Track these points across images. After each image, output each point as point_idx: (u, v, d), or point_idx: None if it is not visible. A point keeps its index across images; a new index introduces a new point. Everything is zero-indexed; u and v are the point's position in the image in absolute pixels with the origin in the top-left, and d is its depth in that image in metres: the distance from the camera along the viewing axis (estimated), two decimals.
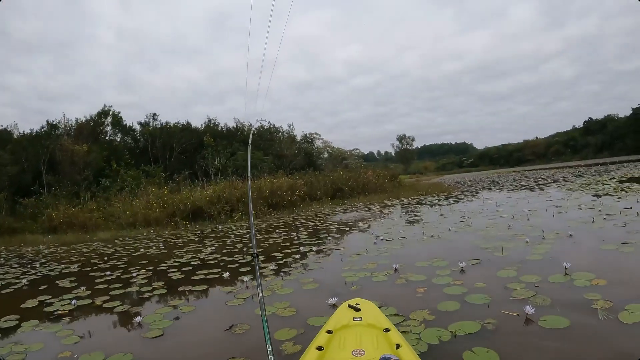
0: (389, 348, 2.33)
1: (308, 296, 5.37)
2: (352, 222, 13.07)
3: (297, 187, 21.65)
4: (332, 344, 2.46)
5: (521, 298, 4.32)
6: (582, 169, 29.50)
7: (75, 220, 17.22)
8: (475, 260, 6.16)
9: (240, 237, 11.62)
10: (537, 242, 6.94)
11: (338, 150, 44.74)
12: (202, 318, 4.88)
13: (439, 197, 19.78)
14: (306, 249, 8.66)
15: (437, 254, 6.91)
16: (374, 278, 5.84)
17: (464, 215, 11.62)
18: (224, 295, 5.74)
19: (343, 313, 2.95)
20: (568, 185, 18.09)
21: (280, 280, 6.25)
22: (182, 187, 21.66)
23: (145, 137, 33.39)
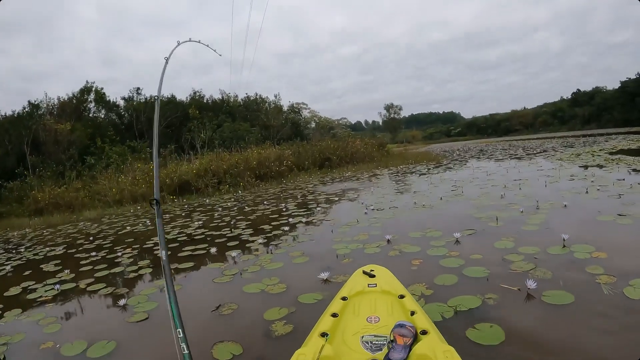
0: (403, 314, 2.32)
1: (298, 271, 5.16)
2: (342, 192, 12.86)
3: (284, 158, 21.32)
4: (346, 310, 2.44)
5: (521, 271, 4.16)
6: (571, 140, 29.50)
7: (61, 200, 16.74)
8: (470, 231, 5.99)
9: (228, 210, 11.35)
10: (532, 212, 6.77)
11: (325, 120, 44.30)
12: (189, 298, 4.65)
13: (428, 166, 19.63)
14: (295, 221, 8.43)
15: (430, 224, 6.72)
16: (366, 250, 5.64)
17: (455, 184, 11.45)
18: (211, 272, 5.51)
19: (357, 279, 2.91)
20: (558, 155, 17.98)
21: (269, 255, 6.03)
22: (169, 162, 21.17)
23: (130, 113, 32.56)
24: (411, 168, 19.41)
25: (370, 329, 2.19)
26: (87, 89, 31.80)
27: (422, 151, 34.30)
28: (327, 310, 2.51)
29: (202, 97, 36.93)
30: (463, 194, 9.56)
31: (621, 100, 47.28)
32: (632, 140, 21.46)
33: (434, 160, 23.17)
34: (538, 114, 72.00)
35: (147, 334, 3.87)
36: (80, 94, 31.33)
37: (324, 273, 4.57)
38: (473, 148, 34.76)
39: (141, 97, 33.63)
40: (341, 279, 4.50)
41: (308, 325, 2.63)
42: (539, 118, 69.95)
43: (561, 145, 24.97)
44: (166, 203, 15.38)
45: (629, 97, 45.18)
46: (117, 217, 12.83)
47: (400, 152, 34.30)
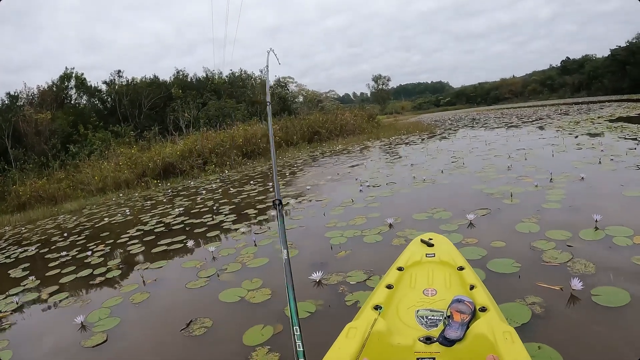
0: (462, 289, 2.17)
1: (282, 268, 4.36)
2: (332, 167, 12.10)
3: None
4: (402, 281, 2.33)
5: (557, 263, 3.44)
6: (564, 108, 28.79)
7: (43, 193, 15.81)
8: (484, 210, 5.23)
9: (212, 193, 10.51)
10: (548, 187, 6.04)
11: (313, 93, 43.39)
12: (156, 311, 3.90)
13: (421, 136, 18.87)
14: (283, 202, 7.64)
15: (436, 202, 5.99)
16: (365, 238, 4.86)
17: (454, 155, 10.71)
18: (184, 274, 4.71)
19: (415, 248, 2.73)
20: (556, 122, 17.22)
21: (251, 248, 5.23)
22: (153, 144, 20.38)
23: (112, 97, 31.46)
24: (404, 139, 18.60)
25: (426, 303, 2.06)
26: (67, 76, 30.57)
27: (412, 121, 33.34)
28: (382, 281, 2.38)
29: (186, 77, 35.86)
30: (465, 166, 8.85)
31: (611, 69, 46.76)
32: (628, 108, 20.66)
33: (426, 130, 22.37)
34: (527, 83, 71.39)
35: None
36: (60, 81, 30.12)
37: (316, 273, 3.80)
38: (464, 117, 33.95)
39: (122, 80, 32.50)
40: (337, 279, 3.76)
41: None
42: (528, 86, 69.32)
43: (555, 112, 24.27)
44: (149, 188, 14.52)
45: (619, 65, 44.62)
46: (98, 207, 11.91)
47: (391, 123, 33.42)
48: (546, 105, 36.21)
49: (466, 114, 39.62)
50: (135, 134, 25.23)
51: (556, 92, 59.91)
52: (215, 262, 4.91)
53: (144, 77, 33.34)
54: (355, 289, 3.51)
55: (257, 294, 3.73)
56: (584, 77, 54.81)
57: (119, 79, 32.56)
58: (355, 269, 3.91)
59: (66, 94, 30.50)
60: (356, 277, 3.74)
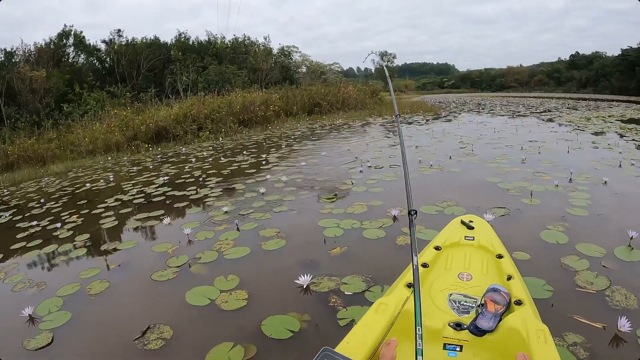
0: (499, 278, 2.06)
1: (268, 265, 3.76)
2: (331, 142, 11.44)
3: (271, 102, 19.62)
4: (438, 261, 2.22)
5: (593, 290, 2.89)
6: (571, 102, 28.01)
7: (32, 153, 14.89)
8: (502, 210, 4.61)
9: (202, 162, 9.81)
10: (569, 188, 5.46)
11: (317, 64, 42.10)
12: (111, 309, 3.28)
13: (425, 117, 18.06)
14: (274, 178, 7.02)
15: (446, 193, 5.38)
16: (365, 232, 4.23)
17: (461, 141, 10.05)
18: (152, 260, 4.10)
19: (454, 229, 2.60)
20: (565, 116, 16.49)
21: (233, 232, 4.59)
22: (149, 107, 19.51)
23: (111, 57, 30.00)
24: (407, 118, 17.84)
25: (460, 287, 1.96)
26: (66, 34, 29.08)
27: (416, 101, 32.48)
28: (418, 258, 2.05)
29: (188, 39, 34.42)
30: (475, 154, 8.22)
31: (620, 68, 45.78)
32: (638, 110, 19.96)
33: (430, 111, 21.53)
34: (534, 73, 70.09)
35: None
36: (59, 39, 28.61)
37: (303, 276, 3.18)
38: (469, 101, 33.05)
39: (122, 40, 31.03)
40: (329, 286, 3.16)
41: None
42: (534, 77, 68.11)
43: (563, 106, 23.53)
44: (140, 152, 13.79)
45: (629, 65, 43.61)
46: (84, 171, 11.15)
47: None
48: (552, 98, 35.45)
49: (471, 99, 38.72)
50: (131, 96, 24.21)
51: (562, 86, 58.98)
52: (189, 248, 4.30)
53: (145, 38, 32.05)
54: (351, 302, 2.91)
55: (231, 298, 3.10)
56: (591, 73, 53.92)
57: (118, 39, 31.09)
58: (353, 274, 3.31)
59: (64, 52, 29.09)
60: (353, 286, 3.14)
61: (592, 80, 53.04)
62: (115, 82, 27.21)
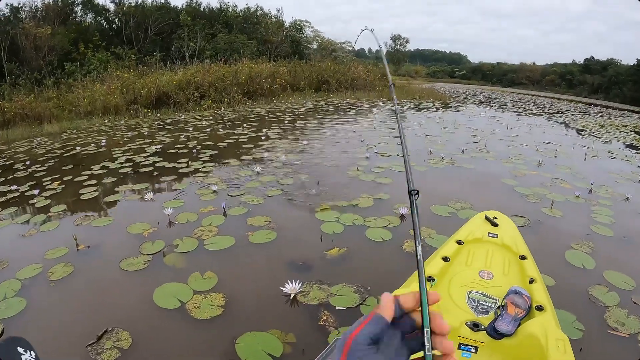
0: (521, 280, 1.94)
1: (252, 264, 3.30)
2: (337, 121, 10.95)
3: (278, 75, 18.98)
4: (459, 256, 2.12)
5: (626, 334, 2.55)
6: (583, 107, 27.41)
7: (29, 111, 14.26)
8: (522, 219, 4.17)
9: (199, 132, 9.29)
10: (590, 200, 5.05)
11: (328, 41, 41.38)
12: (70, 301, 2.87)
13: (435, 105, 17.49)
14: (271, 157, 6.55)
15: (459, 192, 4.97)
16: (369, 231, 3.78)
17: (474, 134, 9.56)
18: (125, 243, 3.66)
19: (478, 224, 2.43)
20: (578, 120, 15.86)
21: (218, 217, 4.12)
22: (154, 71, 18.89)
23: (119, 17, 29.15)
24: (417, 104, 17.30)
25: (480, 286, 1.85)
26: None
27: (426, 88, 31.78)
28: (438, 251, 2.16)
29: (199, 5, 33.53)
30: (488, 150, 7.76)
31: (634, 78, 45.19)
32: None
33: (440, 99, 20.94)
34: (546, 72, 69.20)
35: None
36: None
37: (290, 284, 2.74)
38: (479, 94, 32.34)
39: (132, 1, 30.08)
40: (320, 298, 2.73)
41: None
42: (547, 76, 67.34)
43: (575, 109, 22.96)
44: (138, 117, 13.22)
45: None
46: (79, 133, 10.61)
47: (404, 86, 31.97)
48: (563, 100, 34.85)
49: (481, 91, 37.99)
50: (136, 59, 23.33)
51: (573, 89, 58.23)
52: (168, 231, 3.85)
53: (155, 1, 31.24)
54: (344, 321, 2.48)
55: (205, 303, 2.65)
56: (604, 80, 53.20)
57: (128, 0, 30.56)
58: (348, 282, 2.87)
59: (71, 10, 28.21)
60: (345, 299, 2.71)
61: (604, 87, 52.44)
62: (122, 44, 26.49)
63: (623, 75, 49.51)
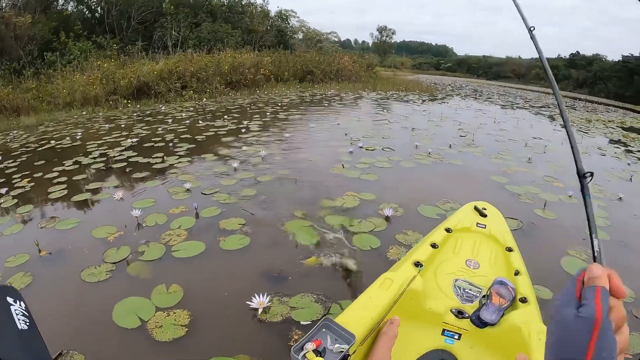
0: (506, 271, 1.93)
1: (222, 276, 2.98)
2: (321, 113, 10.65)
3: (262, 65, 18.70)
4: (447, 244, 2.09)
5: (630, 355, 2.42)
6: (569, 101, 27.45)
7: (7, 103, 13.56)
8: (514, 222, 3.93)
9: (178, 124, 8.90)
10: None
11: (314, 31, 40.95)
12: None
13: (421, 97, 17.27)
14: (251, 151, 6.24)
15: (448, 191, 4.71)
16: (355, 238, 3.47)
17: (461, 128, 9.34)
18: (89, 249, 3.32)
19: (467, 214, 2.40)
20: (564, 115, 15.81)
21: (189, 219, 3.80)
22: (135, 61, 18.45)
23: (102, 6, 28.27)
24: (402, 96, 17.07)
25: (466, 274, 1.83)
26: None
27: (411, 79, 31.56)
28: (426, 238, 2.10)
29: None
30: (476, 145, 7.54)
31: (619, 74, 45.87)
32: (636, 118, 19.33)
33: (426, 91, 20.71)
34: (532, 66, 69.76)
35: None
36: None
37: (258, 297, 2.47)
38: (465, 86, 32.21)
39: None
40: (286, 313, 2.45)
41: None
42: (532, 70, 67.85)
43: None
44: (117, 108, 12.76)
45: (628, 72, 43.66)
46: (56, 125, 10.15)
47: (389, 77, 31.69)
48: (549, 94, 34.99)
49: (467, 84, 37.94)
50: (118, 48, 22.90)
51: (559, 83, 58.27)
52: (135, 235, 3.53)
53: None
54: None
55: (167, 322, 2.35)
56: (589, 75, 53.79)
57: None
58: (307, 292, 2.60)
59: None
60: (307, 312, 2.46)
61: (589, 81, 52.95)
62: (104, 33, 25.76)
63: (608, 71, 50.04)
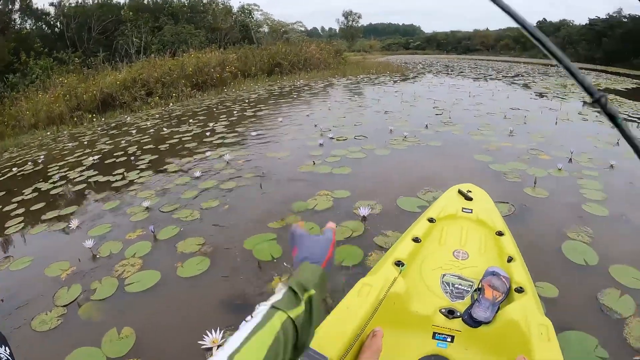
0: (498, 259, 1.78)
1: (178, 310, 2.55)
2: (290, 106, 10.20)
3: (228, 63, 18.31)
4: (431, 236, 1.95)
5: None
6: (541, 67, 27.25)
7: None
8: (505, 206, 3.55)
9: (143, 133, 8.40)
10: (573, 171, 4.49)
11: (279, 23, 40.33)
12: None
13: (392, 78, 16.87)
14: (215, 155, 5.81)
15: (429, 178, 4.32)
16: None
17: (436, 106, 8.96)
18: (41, 291, 2.88)
19: (451, 199, 2.27)
20: (539, 83, 15.31)
21: (145, 244, 3.36)
22: (100, 72, 17.92)
23: (60, 20, 27.67)
24: (373, 79, 16.65)
25: (455, 267, 1.70)
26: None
27: (381, 61, 31.17)
28: (408, 231, 1.97)
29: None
30: (454, 122, 7.16)
31: (587, 37, 46.25)
32: (609, 80, 19.05)
33: (397, 71, 20.30)
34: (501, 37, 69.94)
35: None
36: (4, 4, 25.99)
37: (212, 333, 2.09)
38: (436, 63, 31.95)
39: (71, 2, 28.55)
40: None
41: None
42: (501, 41, 67.96)
43: (533, 71, 22.65)
44: (83, 124, 12.13)
45: (595, 35, 43.88)
46: (20, 150, 9.47)
47: (359, 61, 31.28)
48: (520, 63, 34.88)
49: (437, 60, 37.67)
50: (81, 61, 22.28)
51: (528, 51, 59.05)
52: (89, 269, 3.09)
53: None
54: None
55: None
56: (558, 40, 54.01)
57: (67, 0, 28.61)
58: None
59: (9, 19, 26.53)
60: None
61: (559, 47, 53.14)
62: (65, 48, 25.18)
63: (576, 35, 50.45)
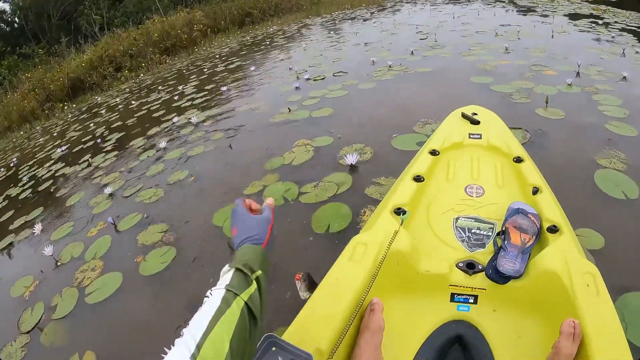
0: (520, 192, 1.43)
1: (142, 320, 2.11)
2: (263, 54, 9.48)
3: (195, 21, 17.57)
4: (436, 172, 1.59)
5: None
6: None
7: None
8: (519, 132, 3.03)
9: (112, 111, 7.81)
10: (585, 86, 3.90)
11: None
12: None
13: (369, 10, 15.84)
14: (183, 120, 5.23)
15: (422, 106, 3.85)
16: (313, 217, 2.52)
17: (419, 31, 8.21)
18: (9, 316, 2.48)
19: (454, 126, 1.87)
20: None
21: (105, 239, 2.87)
22: (64, 59, 17.27)
23: (18, 15, 26.86)
24: (349, 14, 15.69)
25: (470, 207, 1.35)
26: None
27: None
28: (407, 169, 1.60)
29: None
30: (441, 45, 6.46)
31: None
32: None
33: (374, 3, 19.14)
34: None
35: None
36: None
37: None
38: None
39: None
40: None
41: None
42: None
43: None
44: (55, 116, 11.47)
45: None
46: None
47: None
48: None
49: None
50: (45, 52, 21.33)
51: None
52: (51, 281, 2.68)
53: None
54: None
55: None
56: None
57: None
58: None
59: None
60: None
61: None
62: (28, 42, 24.35)
63: None
